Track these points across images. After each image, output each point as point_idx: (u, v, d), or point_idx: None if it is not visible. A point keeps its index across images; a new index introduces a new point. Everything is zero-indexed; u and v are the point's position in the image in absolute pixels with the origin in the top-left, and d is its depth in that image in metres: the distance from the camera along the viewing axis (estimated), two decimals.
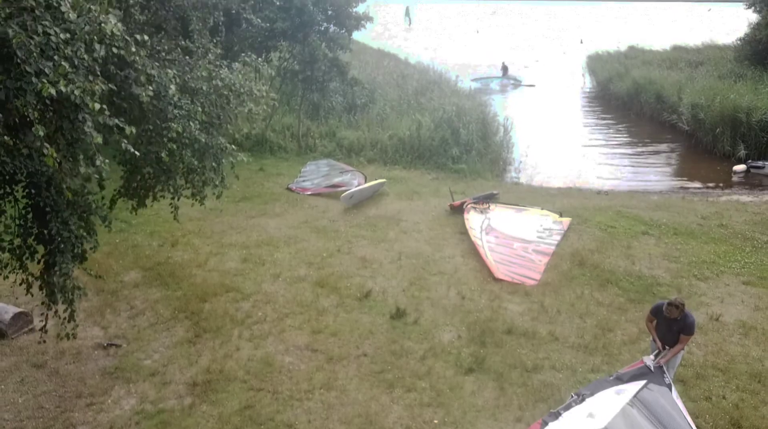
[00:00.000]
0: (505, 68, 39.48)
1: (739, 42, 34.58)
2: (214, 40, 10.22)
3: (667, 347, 7.69)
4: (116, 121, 5.37)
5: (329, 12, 18.52)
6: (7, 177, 5.70)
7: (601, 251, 13.17)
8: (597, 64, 40.38)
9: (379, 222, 14.84)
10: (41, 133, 4.64)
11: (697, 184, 20.71)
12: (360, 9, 19.53)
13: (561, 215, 14.93)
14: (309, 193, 16.99)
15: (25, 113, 4.68)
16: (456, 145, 19.87)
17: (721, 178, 21.51)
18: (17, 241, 6.71)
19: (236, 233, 14.07)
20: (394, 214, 15.41)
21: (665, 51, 48.16)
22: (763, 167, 21.21)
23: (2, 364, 9.05)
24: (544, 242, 13.55)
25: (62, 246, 6.39)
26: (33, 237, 6.68)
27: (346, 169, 18.24)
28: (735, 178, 21.39)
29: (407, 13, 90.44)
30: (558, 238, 13.80)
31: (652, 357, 7.65)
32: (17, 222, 6.61)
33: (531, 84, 39.73)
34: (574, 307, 10.80)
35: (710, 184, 20.60)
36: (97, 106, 4.92)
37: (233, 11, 15.58)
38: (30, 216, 6.55)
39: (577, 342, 9.72)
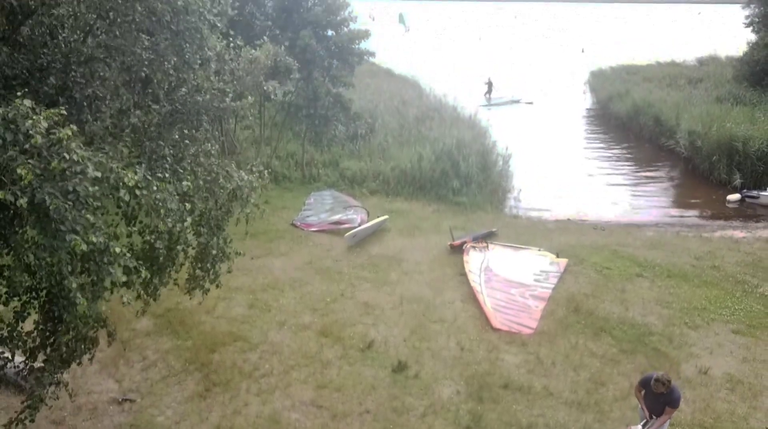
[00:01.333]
0: (489, 84, 39.70)
1: (737, 63, 34.94)
2: None
3: (654, 417, 8.14)
4: (135, 263, 5.88)
5: (333, 48, 18.97)
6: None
7: (596, 295, 13.61)
8: (598, 80, 40.79)
9: (381, 262, 15.29)
10: (74, 285, 5.11)
11: (694, 214, 21.18)
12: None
13: (558, 256, 15.37)
14: (313, 229, 17.44)
15: (60, 270, 5.16)
16: (456, 178, 20.35)
17: (716, 207, 21.95)
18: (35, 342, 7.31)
19: (243, 275, 14.49)
20: (396, 253, 15.86)
21: (666, 64, 48.98)
22: (758, 197, 21.64)
23: None
24: (540, 286, 13.99)
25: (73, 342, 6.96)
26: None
27: (349, 204, 18.68)
28: (730, 207, 21.86)
29: (401, 20, 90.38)
30: (554, 280, 14.24)
31: (639, 426, 8.10)
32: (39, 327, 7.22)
33: (529, 101, 40.14)
34: (568, 359, 11.25)
35: (706, 215, 21.05)
36: (118, 249, 5.40)
37: None
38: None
39: (570, 397, 10.16)
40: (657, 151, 28.68)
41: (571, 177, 25.00)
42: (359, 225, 17.11)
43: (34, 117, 5.01)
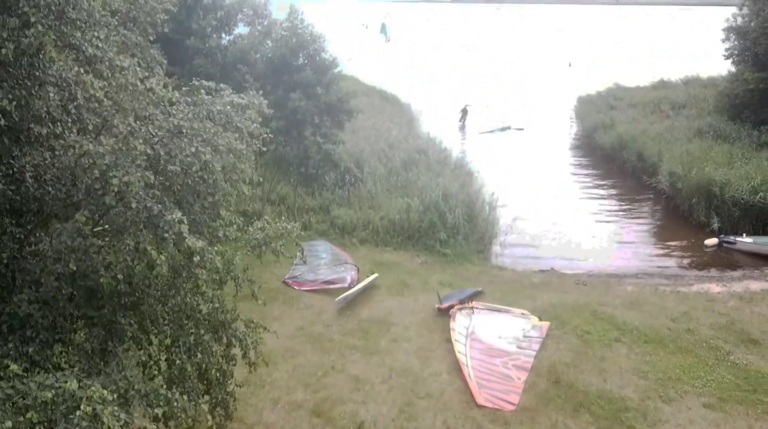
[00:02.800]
0: (464, 112, 40.23)
1: (717, 95, 35.82)
2: None
3: None
4: None
5: (323, 107, 19.52)
6: None
7: (576, 365, 14.26)
8: (585, 107, 41.56)
9: (370, 327, 15.88)
10: None
11: (673, 263, 21.92)
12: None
13: (540, 319, 16.01)
14: (305, 288, 17.99)
15: None
16: (443, 229, 20.93)
17: (696, 251, 22.78)
18: None
19: (235, 347, 15.00)
20: (385, 316, 16.45)
21: (652, 86, 49.94)
22: (735, 243, 22.41)
23: None
24: (524, 354, 14.63)
25: None
26: None
27: (339, 260, 19.21)
28: (708, 251, 22.64)
29: (383, 30, 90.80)
30: (537, 347, 14.89)
31: None
32: None
33: (520, 127, 40.87)
34: None
35: (684, 264, 21.79)
36: None
37: None
38: None
39: None
40: (640, 186, 29.41)
41: (558, 212, 25.87)
42: (349, 285, 17.68)
43: None
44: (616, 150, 32.87)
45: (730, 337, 15.52)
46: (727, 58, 36.28)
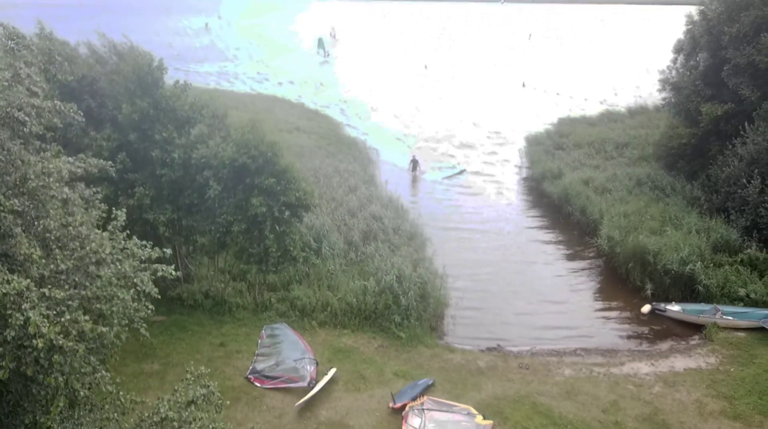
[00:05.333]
0: (414, 162, 41.40)
1: (654, 146, 38.10)
2: None
3: None
4: None
5: (282, 208, 20.60)
6: None
7: None
8: (533, 148, 43.45)
9: None
10: None
11: (610, 332, 23.76)
12: None
13: (484, 417, 17.52)
14: (267, 386, 19.12)
15: None
16: (398, 311, 22.28)
17: (631, 317, 24.70)
18: None
19: None
20: (342, 418, 17.74)
21: (599, 116, 52.47)
22: (665, 311, 24.39)
23: None
24: None
25: None
26: None
27: (298, 351, 20.32)
28: (643, 318, 24.59)
29: (320, 45, 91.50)
30: None
31: None
32: None
33: (462, 169, 42.42)
34: None
35: (621, 332, 23.68)
36: None
37: None
38: None
39: None
40: (584, 241, 31.31)
41: (509, 266, 27.80)
42: (309, 383, 18.87)
43: None
44: (563, 202, 34.71)
45: None
46: (664, 106, 38.64)
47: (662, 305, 24.58)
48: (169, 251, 12.58)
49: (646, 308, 24.86)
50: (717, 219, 28.43)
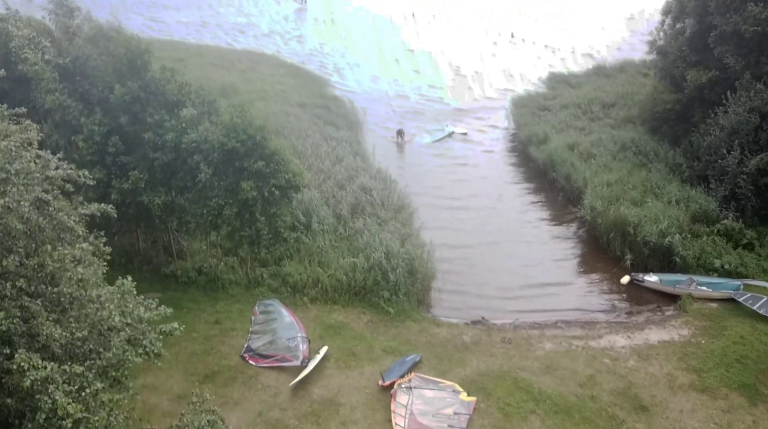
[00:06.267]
0: (400, 133, 41.32)
1: (640, 109, 38.37)
2: None
3: None
4: None
5: (273, 190, 21.01)
6: None
7: None
8: (519, 110, 43.58)
9: (322, 410, 18.14)
10: None
11: (590, 302, 24.78)
12: None
13: (468, 394, 18.58)
14: (261, 365, 20.01)
15: None
16: (387, 287, 23.08)
17: (612, 287, 25.72)
18: None
19: None
20: (334, 396, 18.72)
21: (586, 74, 52.39)
22: (643, 281, 25.39)
23: None
24: None
25: None
26: None
27: (291, 330, 21.12)
28: (622, 288, 25.62)
29: None
30: (465, 424, 17.51)
31: None
32: None
33: (463, 132, 42.58)
34: None
35: (601, 302, 24.72)
36: None
37: None
38: None
39: None
40: (567, 208, 32.04)
41: (493, 234, 28.96)
42: (302, 362, 19.76)
43: None
44: (548, 167, 35.23)
45: (625, 404, 18.47)
46: (649, 70, 38.78)
47: (641, 276, 25.55)
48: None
49: (625, 279, 25.84)
50: (697, 189, 29.18)
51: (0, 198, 9.09)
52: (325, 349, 20.49)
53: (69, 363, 9.02)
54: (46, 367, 8.55)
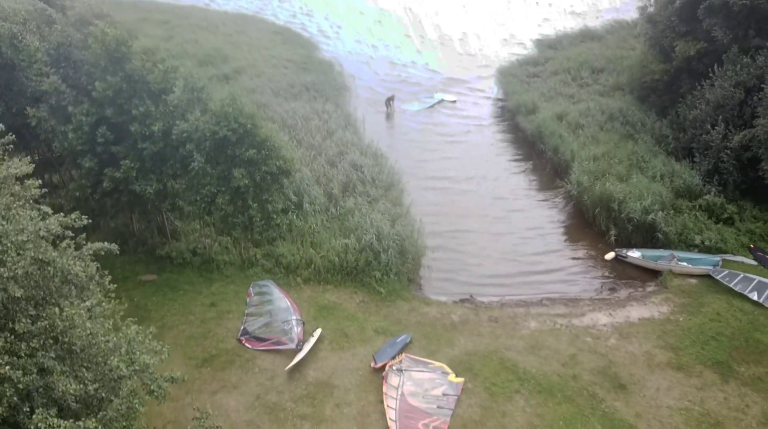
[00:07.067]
0: (391, 100, 41.10)
1: (629, 77, 38.45)
2: None
3: None
4: None
5: (265, 175, 21.35)
6: None
7: (483, 423, 17.95)
8: (506, 79, 43.56)
9: (317, 393, 18.99)
10: None
11: (575, 277, 25.59)
12: None
13: (456, 375, 19.48)
14: (258, 348, 20.75)
15: None
16: (378, 267, 23.71)
17: (597, 265, 26.48)
18: None
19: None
20: (328, 378, 19.56)
21: (575, 35, 52.09)
22: (626, 257, 26.18)
23: None
24: (442, 414, 18.17)
25: None
26: None
27: (285, 312, 21.81)
28: (607, 264, 26.41)
29: None
30: (453, 405, 18.45)
31: None
32: None
33: (452, 100, 42.62)
34: None
35: (585, 278, 25.52)
36: None
37: None
38: None
39: None
40: (554, 180, 32.56)
41: (480, 206, 29.72)
42: (297, 345, 20.51)
43: None
44: (536, 138, 35.57)
45: (605, 383, 19.44)
46: (638, 36, 38.71)
47: (624, 251, 26.32)
48: None
49: (609, 255, 26.61)
50: (682, 162, 29.73)
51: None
52: (319, 331, 21.23)
53: (83, 418, 9.61)
54: (60, 426, 9.13)
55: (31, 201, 12.22)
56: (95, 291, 11.64)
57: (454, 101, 42.61)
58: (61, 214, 12.82)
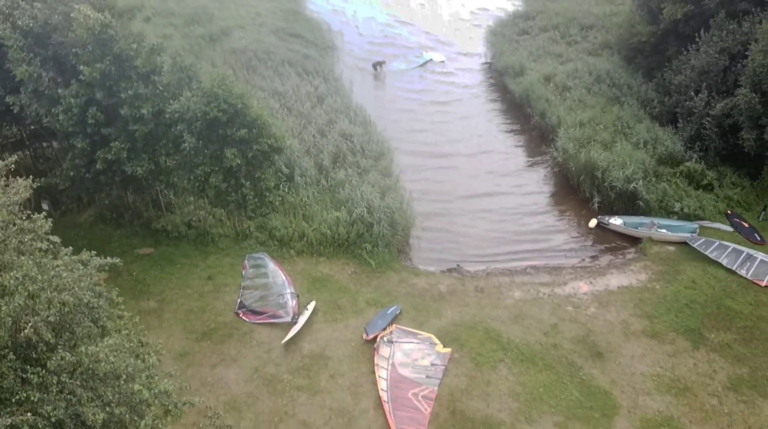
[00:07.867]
0: (380, 64, 41.00)
1: (617, 37, 38.48)
2: None
3: None
4: None
5: (258, 155, 21.80)
6: None
7: (468, 391, 19.17)
8: (496, 39, 43.41)
9: (312, 365, 20.09)
10: None
11: (558, 243, 26.56)
12: None
13: (444, 346, 20.61)
14: (254, 321, 21.71)
15: None
16: (369, 239, 24.51)
17: (580, 233, 27.42)
18: None
19: (207, 391, 19.03)
20: (322, 350, 20.64)
21: None
22: (608, 224, 27.11)
23: None
24: (431, 383, 19.38)
25: None
26: None
27: (280, 286, 22.67)
28: (591, 231, 27.35)
29: None
30: (441, 375, 19.64)
31: None
32: None
33: (441, 60, 42.56)
34: None
35: (568, 246, 26.49)
36: None
37: None
38: None
39: None
40: (541, 144, 33.16)
41: (466, 171, 30.25)
42: (292, 318, 21.48)
43: None
44: (524, 103, 35.90)
45: (583, 351, 20.66)
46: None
47: (606, 218, 27.23)
48: None
49: (593, 222, 27.53)
50: (666, 128, 30.33)
51: (32, 316, 10.16)
52: (312, 304, 22.18)
53: None
54: None
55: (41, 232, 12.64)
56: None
57: (443, 61, 42.53)
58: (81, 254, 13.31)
